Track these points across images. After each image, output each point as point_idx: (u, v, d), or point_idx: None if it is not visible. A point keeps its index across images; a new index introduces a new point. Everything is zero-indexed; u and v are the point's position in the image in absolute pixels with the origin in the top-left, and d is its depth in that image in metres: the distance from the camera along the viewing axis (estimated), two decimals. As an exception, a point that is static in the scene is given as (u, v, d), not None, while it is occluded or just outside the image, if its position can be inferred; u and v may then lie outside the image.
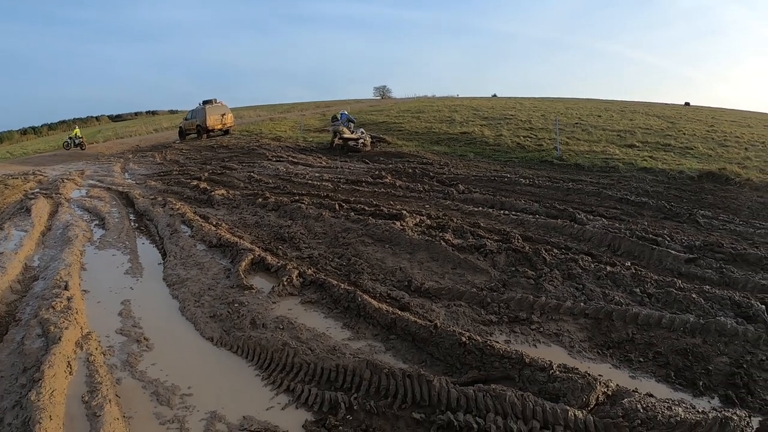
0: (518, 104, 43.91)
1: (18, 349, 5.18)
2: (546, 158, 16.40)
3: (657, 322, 4.88)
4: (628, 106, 40.68)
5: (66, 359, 4.80)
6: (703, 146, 18.00)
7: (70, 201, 13.99)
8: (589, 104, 44.99)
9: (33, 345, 5.19)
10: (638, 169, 14.05)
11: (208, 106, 32.69)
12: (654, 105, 46.93)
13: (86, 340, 5.27)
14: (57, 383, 4.37)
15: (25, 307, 6.40)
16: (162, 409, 4.17)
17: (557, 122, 20.02)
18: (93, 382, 4.46)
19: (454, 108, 39.25)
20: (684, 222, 8.72)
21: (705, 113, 36.46)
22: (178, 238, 8.87)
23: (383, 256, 7.31)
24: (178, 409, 4.14)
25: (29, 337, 5.37)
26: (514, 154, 17.64)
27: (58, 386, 4.34)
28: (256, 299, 6.08)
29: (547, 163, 15.90)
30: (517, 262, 6.70)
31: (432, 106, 45.17)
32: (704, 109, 43.07)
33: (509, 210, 9.52)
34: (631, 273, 6.08)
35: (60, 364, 4.67)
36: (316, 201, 10.78)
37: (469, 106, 41.98)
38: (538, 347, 4.77)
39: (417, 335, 4.83)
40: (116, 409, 4.09)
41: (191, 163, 21.01)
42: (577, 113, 31.58)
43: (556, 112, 30.19)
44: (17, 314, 6.19)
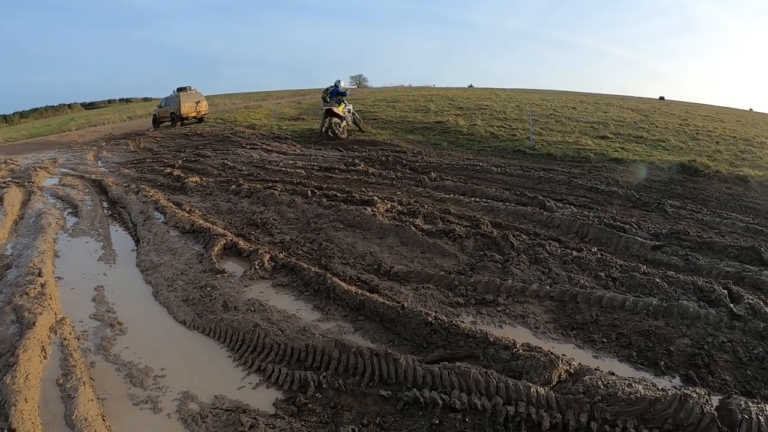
0: (494, 95, 44.04)
1: (-8, 335, 5.18)
2: (519, 148, 16.50)
3: (621, 304, 5.00)
4: (603, 99, 41.08)
5: (40, 344, 4.82)
6: (675, 139, 18.28)
7: (43, 189, 13.82)
8: (564, 96, 45.34)
9: (7, 331, 5.19)
10: (609, 160, 14.21)
11: (182, 93, 32.31)
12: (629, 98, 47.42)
13: (60, 325, 5.29)
14: (32, 367, 4.40)
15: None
16: (135, 390, 4.21)
17: (531, 113, 20.16)
18: (67, 366, 4.49)
19: (429, 98, 39.28)
20: (652, 211, 8.86)
21: (679, 107, 36.92)
22: (152, 224, 8.85)
23: (354, 241, 7.38)
24: (152, 390, 4.19)
25: (3, 323, 5.37)
26: (487, 144, 17.73)
27: (33, 370, 4.38)
28: (229, 283, 6.13)
29: (520, 152, 16.00)
30: (485, 246, 6.80)
31: (408, 95, 45.15)
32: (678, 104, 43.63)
33: (480, 197, 9.61)
34: (597, 258, 6.19)
35: (34, 348, 4.69)
36: (289, 188, 10.81)
37: (445, 96, 42.07)
38: (503, 328, 4.87)
39: (385, 316, 4.92)
40: (90, 391, 4.13)
41: (165, 150, 20.85)
42: (552, 105, 31.79)
43: (531, 103, 30.43)
44: (-10, 302, 6.17)
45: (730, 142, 18.34)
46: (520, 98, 39.00)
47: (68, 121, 54.70)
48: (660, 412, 3.34)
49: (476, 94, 47.88)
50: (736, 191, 10.90)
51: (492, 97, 40.37)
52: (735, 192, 10.80)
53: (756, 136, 20.58)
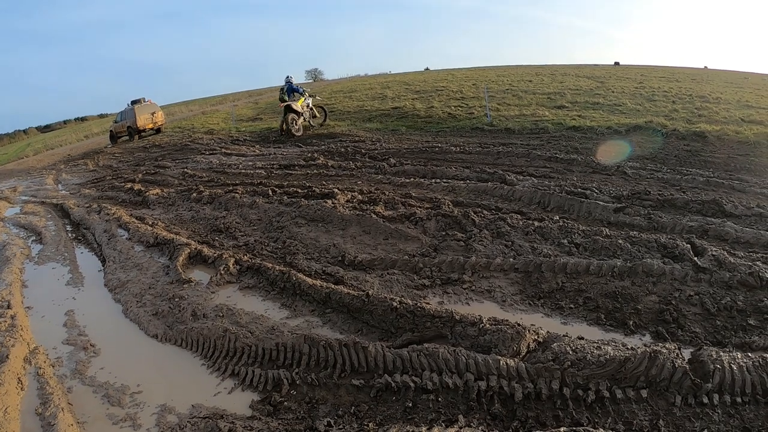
0: (450, 75, 44.03)
1: (-34, 372, 5.14)
2: (477, 125, 16.60)
3: (585, 269, 5.07)
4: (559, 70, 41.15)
5: (16, 376, 4.80)
6: (631, 102, 18.45)
7: (5, 220, 13.66)
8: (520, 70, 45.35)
9: None
10: (567, 128, 14.41)
11: (137, 106, 31.92)
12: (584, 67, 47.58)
13: (34, 354, 5.26)
14: (9, 400, 4.38)
15: (-30, 332, 6.32)
16: (114, 409, 4.20)
17: (487, 90, 20.24)
18: (45, 394, 4.47)
19: (386, 84, 39.22)
20: (612, 174, 9.01)
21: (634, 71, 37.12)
22: (116, 242, 8.78)
23: (317, 235, 7.41)
24: (130, 408, 4.18)
25: (-23, 359, 5.33)
26: (445, 125, 17.78)
27: (11, 403, 4.35)
28: (196, 291, 6.13)
29: (478, 130, 16.11)
30: (447, 226, 6.85)
31: (364, 84, 45.03)
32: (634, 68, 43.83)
33: (440, 178, 9.70)
34: (559, 226, 6.28)
35: (10, 381, 4.66)
36: (249, 189, 10.78)
37: (402, 81, 42.01)
38: (471, 305, 4.93)
39: (351, 306, 4.96)
40: (70, 417, 4.11)
41: (124, 165, 20.64)
42: (508, 80, 31.79)
43: (487, 80, 30.42)
44: (-37, 340, 6.13)
45: (686, 100, 18.56)
46: (476, 77, 39.03)
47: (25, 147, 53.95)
48: (631, 371, 3.39)
49: (432, 76, 47.91)
50: (695, 147, 11.11)
51: (448, 78, 40.35)
52: (693, 148, 11.02)
53: (711, 93, 20.87)
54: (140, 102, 32.73)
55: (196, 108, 57.88)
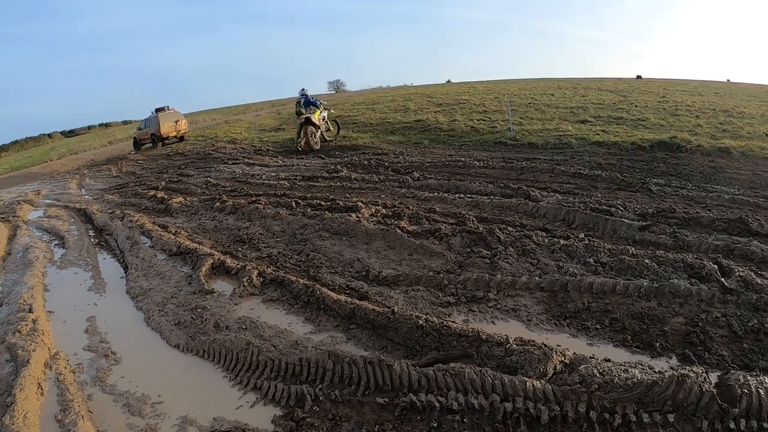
0: (472, 88, 44.09)
1: (-13, 376, 5.15)
2: (500, 140, 16.51)
3: (611, 289, 4.99)
4: (581, 83, 41.11)
5: (36, 381, 4.79)
6: (654, 117, 18.30)
7: (28, 223, 13.79)
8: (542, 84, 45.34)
9: (2, 370, 5.16)
10: (591, 144, 14.25)
11: (160, 113, 32.28)
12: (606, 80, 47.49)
13: (55, 360, 5.25)
14: (29, 405, 4.37)
15: (-9, 334, 6.34)
16: (134, 419, 4.18)
17: (509, 103, 20.16)
18: (65, 401, 4.46)
19: (408, 97, 39.30)
20: (637, 191, 8.88)
21: (657, 85, 37.00)
22: (139, 249, 8.82)
23: (341, 249, 7.35)
24: (150, 418, 4.16)
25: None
26: (468, 138, 17.73)
27: (31, 408, 4.35)
28: (219, 302, 6.11)
29: (501, 144, 16.02)
30: (472, 243, 6.78)
31: (386, 96, 45.14)
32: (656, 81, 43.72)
33: (464, 193, 9.62)
34: (585, 244, 6.19)
35: (31, 386, 4.65)
36: (273, 200, 10.77)
37: (424, 93, 42.16)
38: (496, 323, 4.86)
39: (376, 322, 4.91)
40: (89, 425, 4.10)
41: (147, 173, 20.79)
42: (531, 93, 31.78)
43: (510, 94, 30.39)
44: (-19, 343, 6.15)
45: (710, 115, 18.40)
46: (498, 90, 39.06)
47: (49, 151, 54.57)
48: (658, 394, 3.33)
49: (454, 89, 47.95)
50: (720, 164, 10.95)
51: (470, 90, 40.41)
52: (718, 164, 10.85)
53: (735, 107, 20.64)
54: (164, 110, 33.11)
55: (219, 117, 58.36)
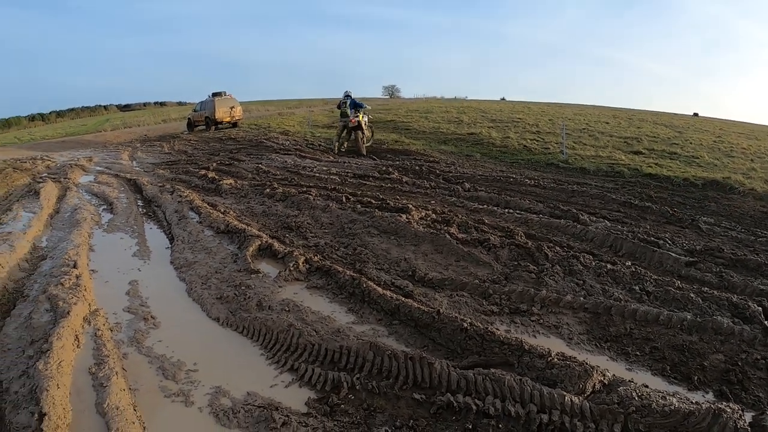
0: (526, 108, 43.96)
1: (25, 323, 5.28)
2: (552, 161, 16.46)
3: (655, 318, 4.95)
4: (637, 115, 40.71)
5: (74, 333, 4.90)
6: (709, 156, 18.00)
7: (79, 186, 14.13)
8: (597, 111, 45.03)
9: (41, 319, 5.30)
10: (643, 175, 14.10)
11: (217, 98, 32.75)
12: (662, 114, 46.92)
13: (94, 316, 5.37)
14: (65, 355, 4.46)
15: (33, 284, 6.50)
16: (168, 383, 4.25)
17: (564, 127, 20.05)
18: (100, 356, 4.55)
19: (462, 110, 39.29)
20: (686, 227, 8.78)
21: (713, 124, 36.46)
22: (186, 224, 8.96)
23: (388, 247, 7.38)
24: (184, 384, 4.23)
25: (37, 311, 5.47)
26: (520, 156, 17.68)
27: (66, 358, 4.44)
28: (263, 283, 6.16)
29: (553, 165, 15.97)
30: (519, 257, 6.77)
31: (440, 107, 45.21)
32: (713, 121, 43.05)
33: (514, 209, 9.58)
34: (631, 272, 6.14)
35: (68, 337, 4.76)
36: (323, 193, 10.86)
37: (478, 108, 42.10)
38: (537, 337, 4.84)
39: (420, 321, 4.92)
40: (122, 381, 4.17)
41: (199, 153, 21.09)
42: (585, 119, 31.63)
43: (564, 117, 30.19)
44: (25, 291, 6.29)
45: (765, 159, 18.07)
46: (552, 112, 38.91)
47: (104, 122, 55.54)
48: (694, 425, 3.31)
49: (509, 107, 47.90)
50: (771, 209, 10.76)
51: (525, 110, 40.28)
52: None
53: (791, 154, 20.30)
54: (221, 95, 33.54)
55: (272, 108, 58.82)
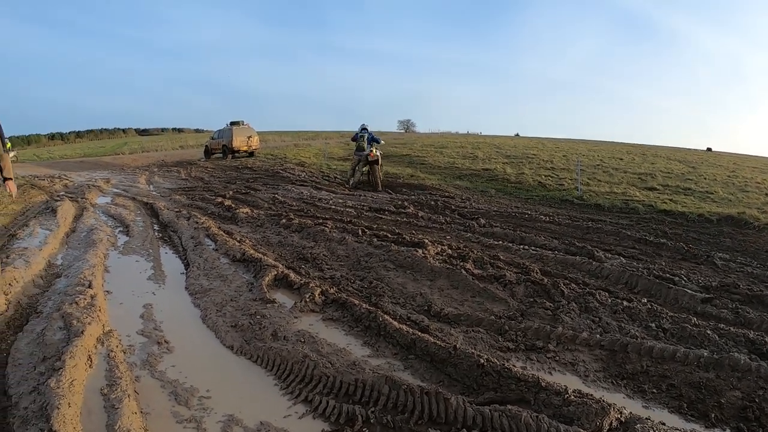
0: (540, 144, 44.32)
1: (38, 339, 5.30)
2: (567, 197, 16.49)
3: (671, 355, 4.92)
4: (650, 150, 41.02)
5: (87, 352, 4.91)
6: (723, 191, 18.09)
7: (96, 206, 14.30)
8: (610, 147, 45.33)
9: (54, 337, 5.31)
10: (658, 211, 14.14)
11: (235, 127, 33.39)
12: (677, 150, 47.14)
13: (107, 337, 5.38)
14: (77, 374, 4.47)
15: (47, 301, 6.53)
16: (180, 408, 4.24)
17: (579, 163, 20.10)
18: (112, 377, 4.55)
19: (476, 145, 39.58)
20: (701, 263, 8.75)
21: (726, 159, 36.68)
22: (202, 250, 8.99)
23: (404, 281, 7.38)
24: (196, 410, 4.22)
25: (50, 329, 5.50)
26: (535, 192, 17.75)
27: (78, 377, 4.44)
28: (278, 313, 6.16)
29: (568, 202, 16.00)
30: (535, 293, 6.75)
31: (455, 142, 45.64)
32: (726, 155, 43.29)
33: (529, 245, 9.58)
34: (647, 309, 6.12)
35: (81, 356, 4.77)
36: (339, 225, 10.89)
37: (492, 143, 42.42)
38: (553, 374, 4.81)
39: (436, 356, 4.90)
40: (134, 404, 4.16)
41: (216, 181, 21.30)
42: (599, 155, 31.87)
43: (578, 154, 30.37)
44: (38, 307, 6.34)
45: (780, 193, 18.07)
46: (566, 148, 39.18)
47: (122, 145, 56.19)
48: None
49: (523, 142, 48.19)
50: (787, 245, 10.71)
51: (539, 146, 40.55)
52: (786, 246, 10.61)
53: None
54: (239, 124, 34.23)
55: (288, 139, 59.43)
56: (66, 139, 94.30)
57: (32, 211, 13.42)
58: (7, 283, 6.79)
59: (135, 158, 35.96)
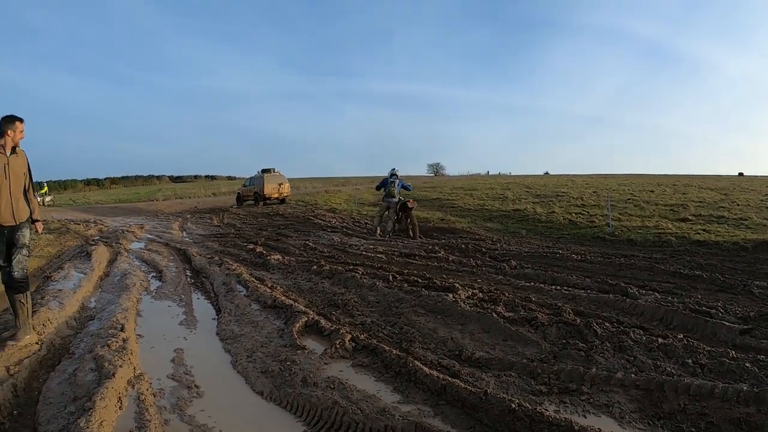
0: (570, 181, 44.29)
1: (69, 379, 5.38)
2: (598, 234, 16.46)
3: (709, 392, 4.79)
4: (681, 180, 40.86)
5: (117, 394, 4.94)
6: (757, 216, 18.04)
7: (130, 251, 14.58)
8: (641, 180, 45.21)
9: (85, 378, 5.39)
10: (691, 243, 14.09)
11: (266, 174, 34.21)
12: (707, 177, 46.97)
13: (138, 380, 5.41)
14: (107, 415, 4.49)
15: (80, 342, 6.65)
16: (208, 453, 4.22)
17: (609, 199, 19.99)
18: (142, 419, 4.55)
19: (506, 185, 39.70)
20: (738, 294, 8.63)
21: (759, 182, 36.55)
22: (234, 296, 9.04)
23: (435, 326, 7.31)
24: (224, 454, 4.18)
25: (82, 370, 5.58)
26: (566, 231, 17.74)
27: (108, 418, 4.46)
28: (309, 359, 6.13)
29: (599, 239, 15.95)
30: (568, 334, 6.65)
31: (485, 183, 45.76)
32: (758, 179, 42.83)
33: (561, 285, 9.49)
34: (683, 344, 6.02)
35: (111, 397, 4.79)
36: (369, 271, 10.86)
37: (522, 183, 42.47)
38: (587, 417, 4.70)
39: (467, 401, 4.82)
40: (163, 448, 4.16)
41: (248, 227, 21.55)
42: (629, 189, 31.76)
43: (608, 189, 30.32)
44: (71, 348, 6.45)
45: (816, 215, 17.84)
46: (596, 184, 39.12)
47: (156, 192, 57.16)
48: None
49: (552, 180, 48.20)
50: (827, 269, 10.51)
51: (568, 183, 40.52)
52: (824, 270, 10.41)
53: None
54: (270, 171, 35.01)
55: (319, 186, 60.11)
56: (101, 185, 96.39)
57: (67, 254, 13.75)
58: (41, 324, 6.92)
59: (169, 205, 36.55)
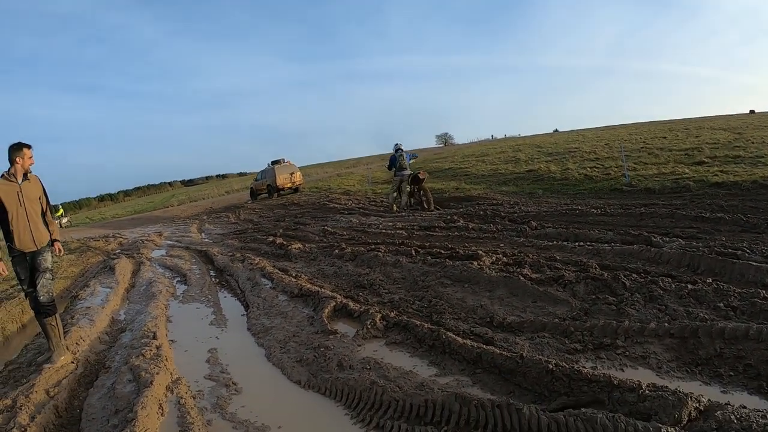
0: (581, 136, 43.82)
1: (109, 393, 5.47)
2: (615, 186, 16.38)
3: (744, 334, 4.76)
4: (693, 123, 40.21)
5: (158, 402, 4.99)
6: (774, 152, 17.64)
7: (152, 260, 14.67)
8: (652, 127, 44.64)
9: (124, 389, 5.45)
10: (710, 185, 13.99)
11: (276, 166, 34.23)
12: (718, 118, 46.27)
13: (176, 384, 5.47)
14: (150, 423, 4.55)
15: (114, 355, 6.75)
16: (253, 447, 4.26)
17: (622, 149, 19.82)
18: (185, 423, 4.61)
19: (517, 147, 39.34)
20: (763, 232, 8.60)
21: (771, 118, 35.70)
22: (260, 290, 9.10)
23: (463, 296, 7.31)
24: (270, 447, 4.22)
25: (120, 382, 5.65)
26: (582, 186, 17.62)
27: (151, 426, 4.52)
28: (342, 343, 6.16)
29: (617, 190, 15.88)
30: (596, 290, 6.63)
31: (495, 148, 45.39)
32: (770, 115, 42.12)
33: (584, 241, 9.45)
34: (713, 288, 5.98)
35: (152, 405, 4.85)
36: (392, 248, 10.87)
37: (532, 143, 42.11)
38: (625, 371, 4.70)
39: (503, 367, 4.83)
40: (208, 448, 4.21)
41: (265, 221, 21.61)
42: (641, 137, 31.31)
43: (620, 139, 29.95)
44: (106, 362, 6.54)
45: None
46: (608, 136, 38.68)
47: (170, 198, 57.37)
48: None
49: (563, 137, 47.74)
50: None
51: (579, 138, 40.13)
52: None
53: None
54: (280, 162, 35.02)
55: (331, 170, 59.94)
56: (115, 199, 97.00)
57: (91, 271, 13.88)
58: (74, 343, 7.03)
59: (184, 209, 36.71)
